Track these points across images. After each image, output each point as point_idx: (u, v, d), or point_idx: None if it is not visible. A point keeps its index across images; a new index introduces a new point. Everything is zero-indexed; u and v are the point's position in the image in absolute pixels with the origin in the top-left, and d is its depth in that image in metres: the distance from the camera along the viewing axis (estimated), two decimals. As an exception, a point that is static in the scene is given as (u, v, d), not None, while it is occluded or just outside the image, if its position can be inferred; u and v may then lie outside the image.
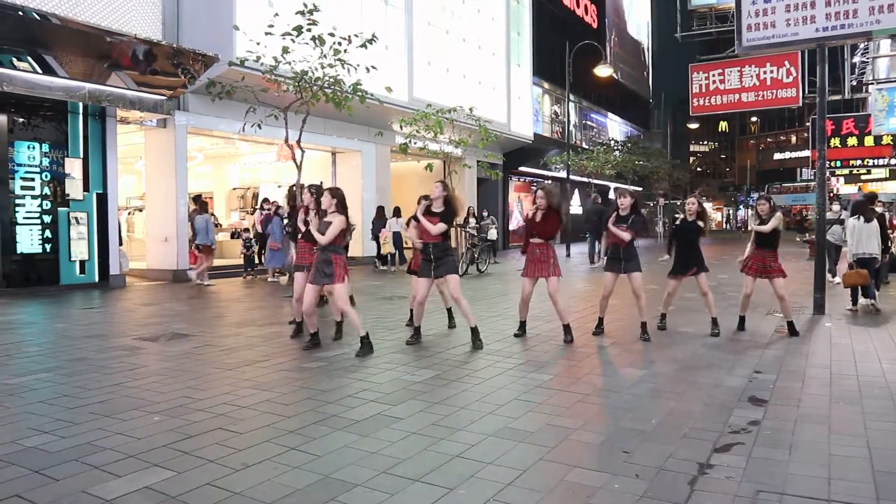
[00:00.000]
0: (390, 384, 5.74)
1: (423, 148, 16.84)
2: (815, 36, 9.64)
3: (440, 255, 7.38)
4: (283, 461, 3.93)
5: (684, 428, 4.53)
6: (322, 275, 6.94)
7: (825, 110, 10.07)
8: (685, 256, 8.16)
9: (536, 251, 7.64)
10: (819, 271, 9.76)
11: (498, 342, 7.59)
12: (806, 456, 4.01)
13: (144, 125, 15.00)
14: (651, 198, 45.94)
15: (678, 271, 8.22)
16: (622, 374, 6.10)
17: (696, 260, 8.13)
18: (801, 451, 4.09)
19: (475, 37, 24.01)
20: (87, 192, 13.48)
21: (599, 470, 3.79)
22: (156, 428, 4.54)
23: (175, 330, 8.56)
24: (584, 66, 31.55)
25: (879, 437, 4.34)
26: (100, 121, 13.67)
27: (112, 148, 13.90)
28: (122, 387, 5.63)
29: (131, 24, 13.35)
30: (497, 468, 3.82)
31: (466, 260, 16.66)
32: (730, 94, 12.44)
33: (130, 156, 17.81)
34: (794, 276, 12.26)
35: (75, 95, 11.73)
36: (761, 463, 3.90)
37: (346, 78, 10.98)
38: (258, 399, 5.25)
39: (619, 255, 7.78)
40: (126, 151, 16.43)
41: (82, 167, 13.39)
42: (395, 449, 4.14)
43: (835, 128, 24.90)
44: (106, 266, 13.80)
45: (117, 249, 14.07)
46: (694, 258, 8.14)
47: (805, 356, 6.85)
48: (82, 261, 13.45)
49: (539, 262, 7.62)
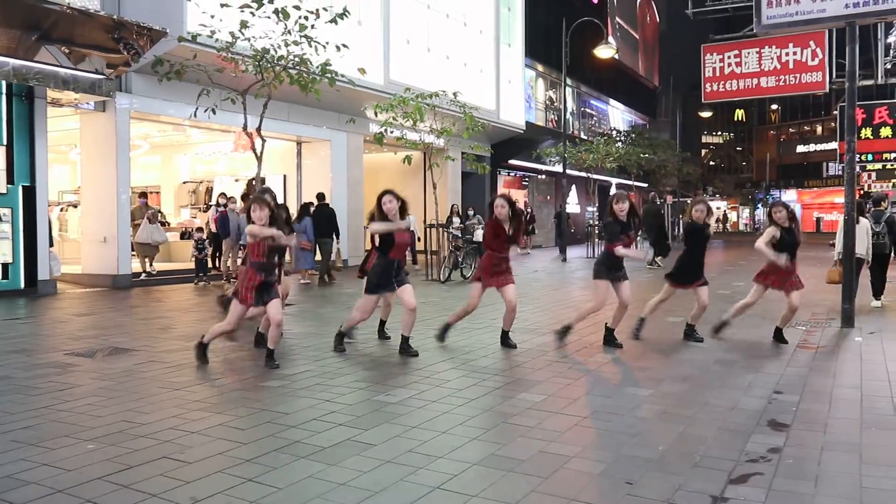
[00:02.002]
0: (361, 405, 5.71)
1: (401, 138, 16.82)
2: (846, 13, 9.70)
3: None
4: (238, 494, 3.89)
5: (695, 456, 4.53)
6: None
7: (855, 97, 10.14)
8: (696, 264, 8.42)
9: (502, 264, 8.03)
10: (847, 279, 9.84)
11: (484, 358, 7.59)
12: (834, 488, 4.03)
13: (80, 108, 14.85)
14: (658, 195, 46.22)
15: (684, 280, 8.47)
16: (624, 395, 6.11)
17: (701, 270, 8.44)
18: (828, 483, 4.10)
19: (460, 12, 24.07)
20: (11, 184, 13.31)
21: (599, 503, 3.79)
22: (90, 458, 4.48)
23: (114, 344, 8.48)
24: (582, 46, 31.69)
25: (915, 465, 4.37)
26: (27, 102, 13.51)
27: (41, 134, 13.74)
28: (50, 410, 5.56)
29: (65, -8, 13.23)
30: (483, 501, 3.80)
31: (449, 264, 16.66)
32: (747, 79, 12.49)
33: (63, 143, 17.65)
34: (817, 285, 12.36)
35: (-3, 73, 11.60)
36: (783, 496, 3.91)
37: (314, 57, 10.94)
38: (210, 423, 5.20)
39: (618, 263, 8.04)
40: (58, 138, 16.28)
41: (5, 156, 13.22)
42: (367, 479, 4.11)
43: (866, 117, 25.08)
44: (34, 270, 13.63)
45: (47, 251, 13.93)
46: (700, 268, 8.43)
47: (832, 375, 6.90)
48: (5, 264, 13.29)
49: (503, 269, 8.04)
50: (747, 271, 18.95)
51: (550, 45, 32.00)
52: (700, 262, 8.41)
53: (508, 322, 8.21)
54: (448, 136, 16.79)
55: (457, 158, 23.15)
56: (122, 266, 15.14)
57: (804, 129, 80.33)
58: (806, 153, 77.13)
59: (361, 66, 12.60)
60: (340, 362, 7.38)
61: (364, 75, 12.75)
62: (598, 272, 8.04)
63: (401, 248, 7.59)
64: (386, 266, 7.53)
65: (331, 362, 7.37)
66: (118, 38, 12.76)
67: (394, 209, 7.57)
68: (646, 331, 8.74)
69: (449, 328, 8.46)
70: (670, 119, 56.39)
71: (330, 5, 11.53)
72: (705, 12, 21.60)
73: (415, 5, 21.70)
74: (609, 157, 29.64)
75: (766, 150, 77.39)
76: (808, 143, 78.51)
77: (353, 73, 12.22)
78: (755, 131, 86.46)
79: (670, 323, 9.65)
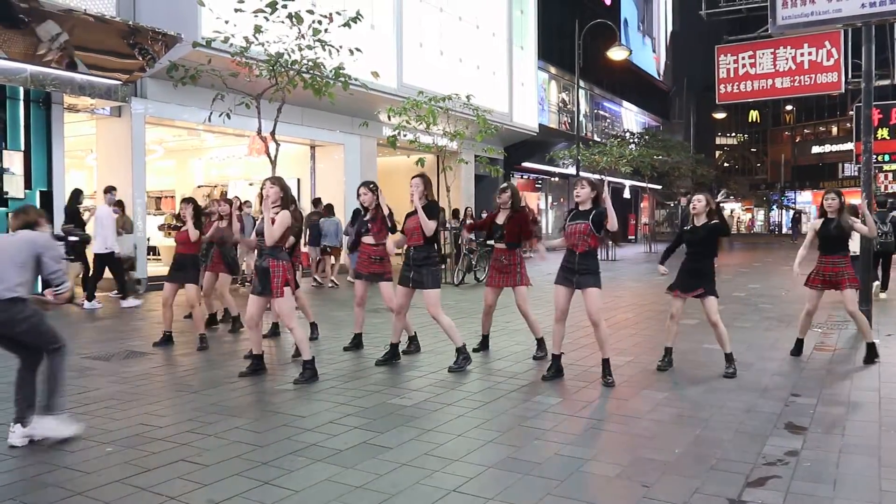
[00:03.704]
0: (376, 409, 5.72)
1: (414, 141, 16.82)
2: (862, 12, 9.65)
3: (421, 261, 7.32)
4: (255, 497, 3.91)
5: (712, 459, 4.52)
6: (261, 285, 6.70)
7: (871, 97, 10.08)
8: (691, 270, 7.10)
9: (502, 258, 7.77)
10: (864, 280, 9.77)
11: (499, 360, 7.59)
12: (852, 492, 4.01)
13: (96, 114, 14.93)
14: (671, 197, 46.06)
15: (678, 287, 7.20)
16: (640, 398, 6.09)
17: (704, 277, 7.06)
18: (846, 487, 4.08)
19: (473, 15, 24.05)
20: (29, 189, 13.40)
21: (616, 507, 3.78)
22: (108, 461, 4.51)
23: (131, 347, 8.53)
24: (596, 48, 31.62)
25: (935, 468, 4.34)
26: (44, 108, 13.60)
27: (58, 139, 13.82)
28: (68, 413, 5.59)
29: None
30: (499, 505, 3.80)
31: (463, 267, 16.67)
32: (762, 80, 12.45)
33: (80, 148, 17.73)
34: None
35: (14, 79, 11.67)
36: (801, 499, 3.89)
37: (327, 61, 10.98)
38: (226, 426, 5.22)
39: (574, 265, 6.62)
40: (75, 143, 16.35)
41: (24, 161, 13.30)
42: (383, 482, 4.12)
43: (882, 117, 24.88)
44: (52, 274, 13.68)
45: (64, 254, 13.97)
46: (703, 275, 7.07)
47: (850, 377, 6.86)
48: (24, 268, 13.33)
49: (503, 270, 7.75)
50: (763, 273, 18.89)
51: (563, 48, 31.97)
52: (695, 266, 7.06)
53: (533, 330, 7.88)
54: (461, 139, 16.78)
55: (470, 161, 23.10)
56: (139, 269, 15.18)
57: (819, 129, 79.80)
58: (821, 154, 76.58)
59: (375, 69, 12.62)
60: (355, 366, 7.40)
61: (377, 79, 12.77)
62: (556, 276, 6.83)
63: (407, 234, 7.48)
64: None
65: (346, 365, 7.39)
66: (133, 43, 12.83)
67: (368, 200, 7.66)
68: (659, 335, 8.45)
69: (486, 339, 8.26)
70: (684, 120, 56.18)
71: (343, 9, 11.56)
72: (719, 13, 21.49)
73: (427, 8, 21.70)
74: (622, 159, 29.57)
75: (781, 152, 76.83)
76: (823, 143, 77.96)
77: (367, 77, 12.24)
78: (770, 132, 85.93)
79: (686, 326, 9.58)
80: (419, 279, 7.25)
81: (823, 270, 7.55)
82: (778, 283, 16.20)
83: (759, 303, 12.33)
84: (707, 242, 7.03)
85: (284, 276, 6.62)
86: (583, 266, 6.54)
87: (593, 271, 6.56)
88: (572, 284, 6.62)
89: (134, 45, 12.86)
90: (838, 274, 7.44)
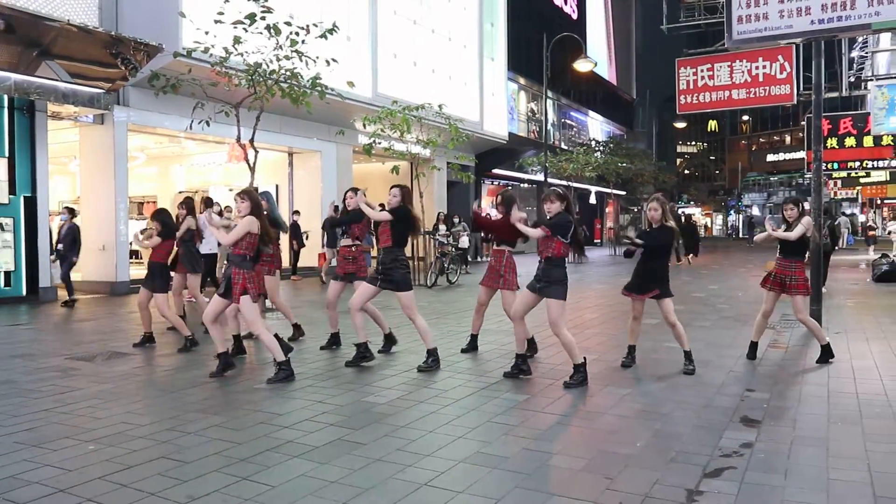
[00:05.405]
0: (351, 406, 5.70)
1: (389, 148, 16.83)
2: (811, 28, 9.80)
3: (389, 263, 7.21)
4: (233, 493, 3.88)
5: (671, 451, 4.56)
6: (224, 289, 6.79)
7: (821, 108, 10.23)
8: (645, 271, 7.08)
9: (492, 260, 7.75)
10: (815, 281, 9.91)
11: (468, 359, 7.60)
12: (803, 481, 4.06)
13: (79, 121, 14.78)
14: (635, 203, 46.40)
15: (632, 288, 7.17)
16: (604, 394, 6.13)
17: (658, 279, 7.03)
18: (797, 476, 4.14)
19: (445, 28, 24.10)
20: (13, 195, 13.24)
21: (580, 498, 3.80)
22: (90, 458, 4.46)
23: (113, 348, 8.44)
24: (563, 60, 31.82)
25: (881, 460, 4.42)
26: (28, 116, 13.44)
27: (42, 146, 13.67)
28: (52, 412, 5.53)
29: (64, 9, 13.16)
30: (469, 497, 3.81)
31: (435, 270, 16.69)
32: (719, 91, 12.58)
33: (63, 155, 17.54)
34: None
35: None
36: (755, 489, 3.94)
37: (305, 71, 10.94)
38: (205, 424, 5.18)
39: (539, 271, 6.49)
40: (58, 150, 16.16)
41: (7, 167, 13.14)
42: (358, 477, 4.11)
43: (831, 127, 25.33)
44: (35, 278, 13.55)
45: (48, 259, 13.82)
46: (656, 276, 7.04)
47: (801, 373, 6.95)
48: (7, 272, 13.19)
49: (494, 271, 7.69)
50: (725, 275, 19.09)
51: (532, 59, 32.12)
52: (649, 267, 7.04)
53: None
54: (434, 147, 16.80)
55: (442, 168, 23.13)
56: (121, 273, 15.06)
57: (774, 139, 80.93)
58: (776, 162, 77.64)
59: (350, 79, 12.61)
60: (331, 365, 7.37)
61: (353, 88, 12.76)
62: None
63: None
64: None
65: (321, 365, 7.36)
66: (116, 53, 12.71)
67: (353, 204, 7.71)
68: (623, 334, 8.43)
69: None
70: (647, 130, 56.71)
71: (320, 21, 11.52)
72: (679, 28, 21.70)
73: (402, 21, 21.71)
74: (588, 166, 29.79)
75: (738, 159, 77.84)
76: (777, 152, 79.08)
77: (343, 87, 12.22)
78: (728, 141, 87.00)
79: (648, 325, 9.66)
80: (388, 280, 7.15)
81: (777, 272, 7.56)
82: (735, 284, 16.38)
83: (717, 303, 12.46)
84: (660, 244, 6.99)
85: (244, 284, 6.60)
86: (546, 274, 6.39)
87: (555, 281, 6.34)
88: (535, 291, 6.49)
89: (116, 55, 12.73)
90: (788, 278, 7.42)
